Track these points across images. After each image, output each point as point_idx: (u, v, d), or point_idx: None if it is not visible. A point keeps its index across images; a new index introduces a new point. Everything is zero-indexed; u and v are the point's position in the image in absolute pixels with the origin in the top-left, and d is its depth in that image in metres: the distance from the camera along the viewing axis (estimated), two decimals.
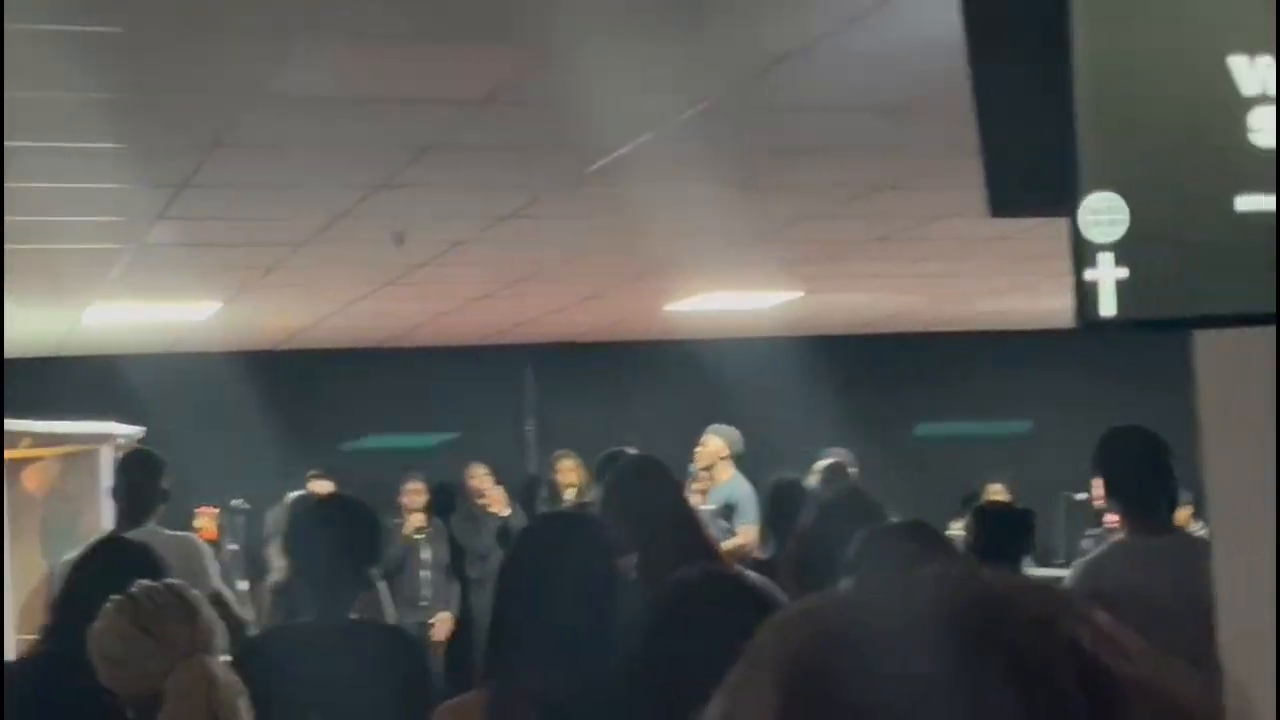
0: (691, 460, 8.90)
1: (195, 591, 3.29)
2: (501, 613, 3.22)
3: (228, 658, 3.41)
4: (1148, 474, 4.30)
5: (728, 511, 8.14)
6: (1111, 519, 6.27)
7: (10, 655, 5.59)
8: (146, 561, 3.62)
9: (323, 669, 3.44)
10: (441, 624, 9.66)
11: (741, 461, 8.74)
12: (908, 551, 3.00)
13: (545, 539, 3.33)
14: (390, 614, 5.57)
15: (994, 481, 10.20)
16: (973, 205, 2.47)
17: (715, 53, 4.51)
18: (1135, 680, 0.63)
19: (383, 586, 6.10)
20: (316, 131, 5.16)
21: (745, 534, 7.98)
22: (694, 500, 8.34)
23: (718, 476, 8.61)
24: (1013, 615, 0.65)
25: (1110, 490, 4.38)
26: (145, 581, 3.22)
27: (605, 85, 4.72)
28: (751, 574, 4.33)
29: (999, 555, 4.62)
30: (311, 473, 9.62)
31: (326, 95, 4.73)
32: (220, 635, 3.23)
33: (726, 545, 7.10)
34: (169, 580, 3.28)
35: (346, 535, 3.81)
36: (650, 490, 4.42)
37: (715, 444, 8.74)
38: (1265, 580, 2.75)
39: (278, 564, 8.46)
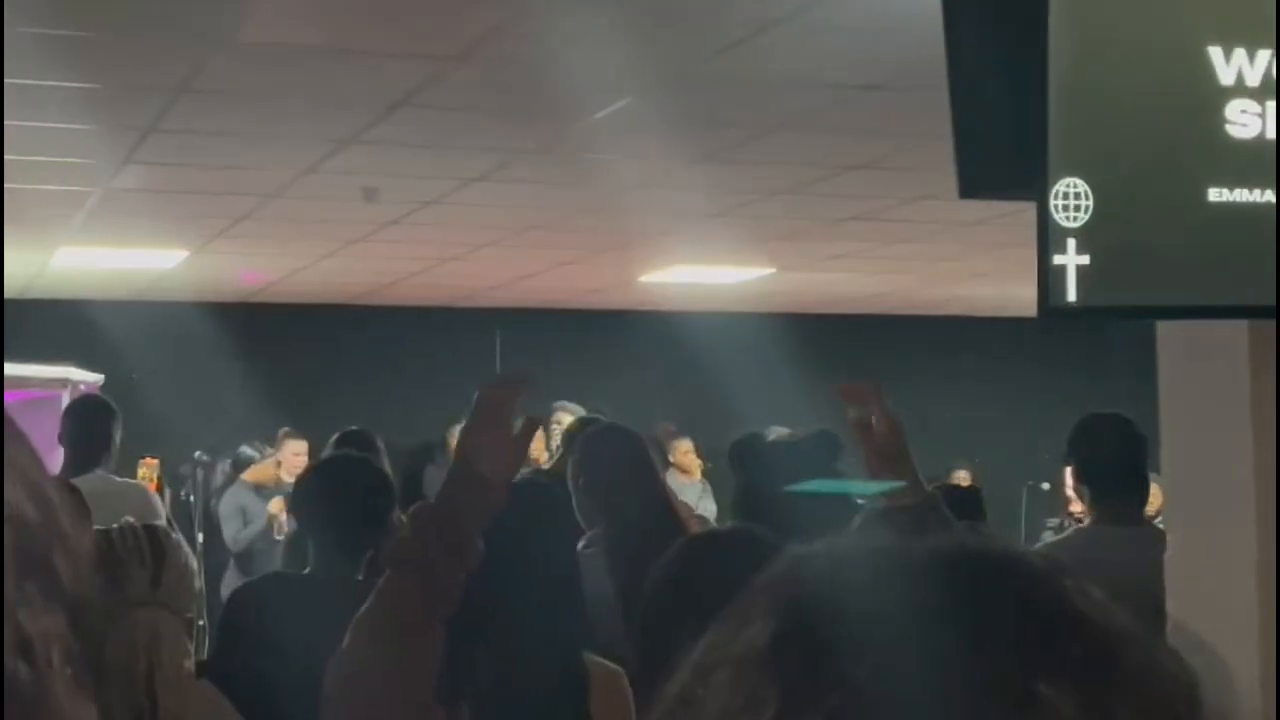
0: (662, 435, 8.81)
1: (177, 538, 3.07)
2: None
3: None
4: (1120, 462, 4.24)
5: None
6: (1078, 508, 6.22)
7: None
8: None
9: (306, 620, 3.35)
10: None
11: None
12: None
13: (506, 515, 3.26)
14: None
15: (959, 468, 10.20)
16: (948, 188, 2.44)
17: (696, 19, 4.46)
18: (1125, 636, 0.65)
19: None
20: (287, 81, 5.09)
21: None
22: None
23: None
24: (1013, 569, 0.67)
25: (1080, 476, 4.32)
26: (129, 519, 3.11)
27: (582, 48, 4.66)
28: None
29: None
30: (284, 431, 9.54)
31: (297, 44, 4.66)
32: (191, 589, 3.03)
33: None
34: (152, 523, 3.10)
35: (356, 494, 3.74)
36: (619, 462, 4.30)
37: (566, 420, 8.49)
38: (1214, 575, 2.73)
39: (229, 521, 8.44)
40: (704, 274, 10.11)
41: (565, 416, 8.45)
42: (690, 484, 9.29)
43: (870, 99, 5.32)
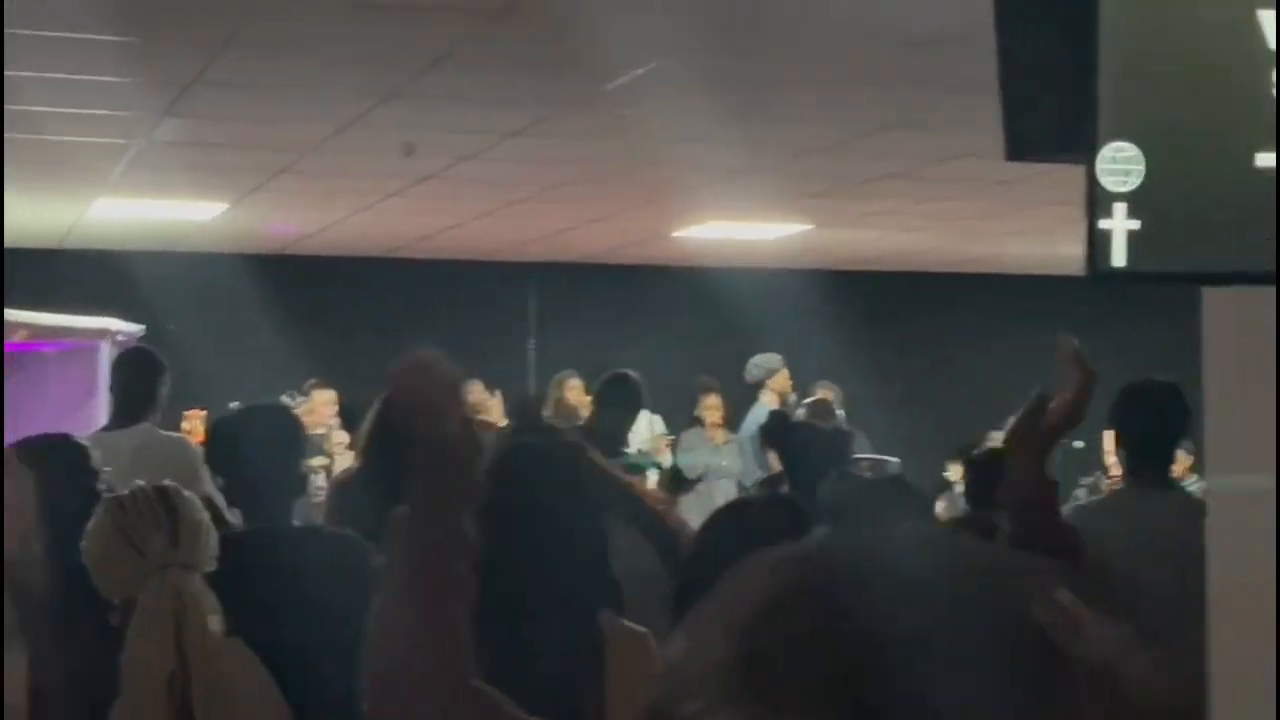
0: (698, 387, 8.86)
1: (188, 495, 3.14)
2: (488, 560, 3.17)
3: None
4: (1157, 429, 4.27)
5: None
6: (1119, 473, 6.26)
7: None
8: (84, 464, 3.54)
9: (286, 573, 3.38)
10: None
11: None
12: (884, 501, 2.95)
13: (519, 469, 3.27)
14: None
15: (995, 429, 10.14)
16: (987, 146, 2.44)
17: None
18: (1090, 664, 0.66)
19: None
20: (329, 35, 5.09)
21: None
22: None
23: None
24: (991, 587, 0.64)
25: (1118, 441, 4.38)
26: (139, 483, 3.13)
27: (621, 3, 4.65)
28: None
29: (988, 502, 4.60)
30: (312, 382, 9.57)
31: None
32: (208, 546, 3.07)
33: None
34: (162, 483, 3.14)
35: (272, 442, 3.77)
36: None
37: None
38: (1260, 539, 2.73)
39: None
40: (739, 229, 10.08)
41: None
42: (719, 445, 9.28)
43: (905, 56, 5.29)
